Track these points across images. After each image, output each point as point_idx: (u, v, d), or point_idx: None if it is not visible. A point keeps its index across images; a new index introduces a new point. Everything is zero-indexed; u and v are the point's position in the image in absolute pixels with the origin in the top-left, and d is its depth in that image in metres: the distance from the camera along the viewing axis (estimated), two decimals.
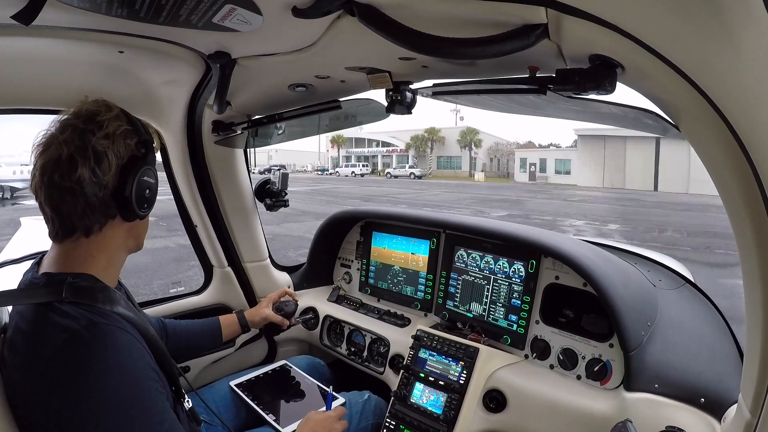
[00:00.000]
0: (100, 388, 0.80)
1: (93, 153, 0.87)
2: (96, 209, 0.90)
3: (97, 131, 0.89)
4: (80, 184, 0.86)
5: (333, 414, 1.33)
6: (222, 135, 1.57)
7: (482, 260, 1.73)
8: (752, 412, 0.80)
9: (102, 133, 0.89)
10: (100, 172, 0.88)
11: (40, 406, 0.81)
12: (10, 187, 18.35)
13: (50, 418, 0.81)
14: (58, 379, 0.80)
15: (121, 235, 0.97)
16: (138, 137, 0.95)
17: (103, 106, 0.94)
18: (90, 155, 0.87)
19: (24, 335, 0.86)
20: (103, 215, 0.91)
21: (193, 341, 1.50)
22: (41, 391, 0.81)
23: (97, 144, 0.88)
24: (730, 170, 0.65)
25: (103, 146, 0.88)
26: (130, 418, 0.82)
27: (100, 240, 0.93)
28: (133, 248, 1.04)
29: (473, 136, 50.35)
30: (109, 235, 0.95)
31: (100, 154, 0.88)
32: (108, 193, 0.90)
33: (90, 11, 0.78)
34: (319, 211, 14.09)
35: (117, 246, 0.98)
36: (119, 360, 0.83)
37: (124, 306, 0.93)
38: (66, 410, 0.79)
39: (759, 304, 0.72)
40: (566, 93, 0.81)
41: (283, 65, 1.12)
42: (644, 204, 21.62)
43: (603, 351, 1.40)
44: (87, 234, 0.91)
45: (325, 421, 1.29)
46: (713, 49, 0.54)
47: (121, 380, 0.82)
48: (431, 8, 0.73)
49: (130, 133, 0.94)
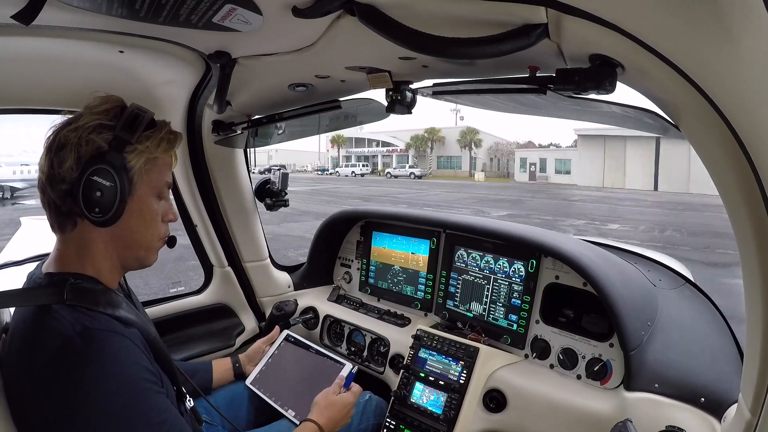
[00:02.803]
0: (96, 398, 0.78)
1: (57, 144, 0.85)
2: (58, 205, 0.86)
3: (72, 123, 0.87)
4: (44, 175, 0.86)
5: (351, 398, 1.32)
6: (222, 135, 1.57)
7: (482, 260, 1.73)
8: (752, 411, 0.80)
9: (73, 126, 0.86)
10: (56, 164, 0.84)
11: (35, 413, 0.80)
12: (10, 187, 18.36)
13: (47, 426, 0.80)
14: (52, 388, 0.78)
15: (100, 241, 0.90)
16: (112, 133, 0.87)
17: (101, 99, 0.91)
18: (54, 146, 0.85)
19: (20, 337, 0.85)
20: (69, 213, 0.87)
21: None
22: (36, 398, 0.80)
23: (63, 136, 0.86)
24: (730, 170, 0.65)
25: (67, 138, 0.85)
26: (129, 425, 0.80)
27: (78, 240, 0.90)
28: (128, 263, 0.96)
29: (473, 135, 50.33)
30: (87, 237, 0.90)
31: (62, 146, 0.85)
32: (65, 189, 0.85)
33: (90, 11, 0.78)
34: (319, 210, 14.09)
35: (102, 253, 0.91)
36: (113, 367, 0.80)
37: (126, 309, 0.91)
38: (62, 421, 0.78)
39: (759, 304, 0.72)
40: (566, 93, 0.81)
41: (283, 65, 1.12)
42: (643, 203, 21.62)
43: (603, 351, 1.40)
44: (62, 230, 0.89)
45: (344, 407, 1.29)
46: (713, 49, 0.54)
47: (116, 388, 0.80)
48: (431, 8, 0.73)
49: (103, 128, 0.87)
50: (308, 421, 1.23)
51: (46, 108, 1.35)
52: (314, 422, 1.22)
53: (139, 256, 0.97)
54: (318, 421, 1.22)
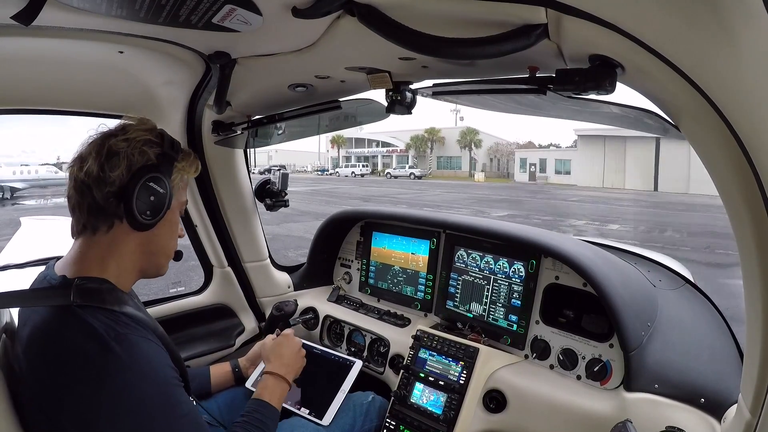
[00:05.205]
0: (136, 397, 0.84)
1: (107, 151, 0.91)
2: (101, 206, 0.91)
3: (120, 135, 0.94)
4: (89, 177, 0.90)
5: (291, 337, 1.46)
6: (222, 135, 1.57)
7: (482, 260, 1.73)
8: (752, 412, 0.80)
9: (123, 137, 0.94)
10: (108, 168, 0.90)
11: (60, 412, 0.82)
12: (10, 188, 18.38)
13: (74, 426, 0.82)
14: (89, 392, 0.82)
15: (131, 244, 0.96)
16: (161, 150, 0.97)
17: (141, 121, 0.99)
18: (103, 152, 0.91)
19: (45, 338, 0.86)
20: (109, 214, 0.92)
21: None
22: (66, 399, 0.82)
23: (113, 145, 0.92)
24: (730, 170, 0.65)
25: (119, 147, 0.92)
26: (165, 420, 0.87)
27: (109, 242, 0.94)
28: (147, 269, 1.02)
29: (473, 136, 50.34)
30: (119, 240, 0.94)
31: (113, 153, 0.91)
32: (113, 191, 0.90)
33: (90, 11, 0.79)
34: (319, 211, 14.09)
35: (129, 256, 0.97)
36: (149, 370, 0.87)
37: (142, 312, 0.95)
38: (98, 423, 0.82)
39: (759, 304, 0.72)
40: (566, 93, 0.81)
41: (283, 65, 1.12)
42: (643, 204, 21.61)
43: (603, 351, 1.40)
44: (94, 231, 0.93)
45: (290, 346, 1.43)
46: (713, 49, 0.54)
47: (153, 388, 0.87)
48: (431, 8, 0.73)
49: (152, 144, 0.96)
50: (267, 374, 1.32)
51: (46, 108, 1.35)
52: (272, 373, 1.32)
53: (159, 263, 1.05)
54: (275, 371, 1.32)
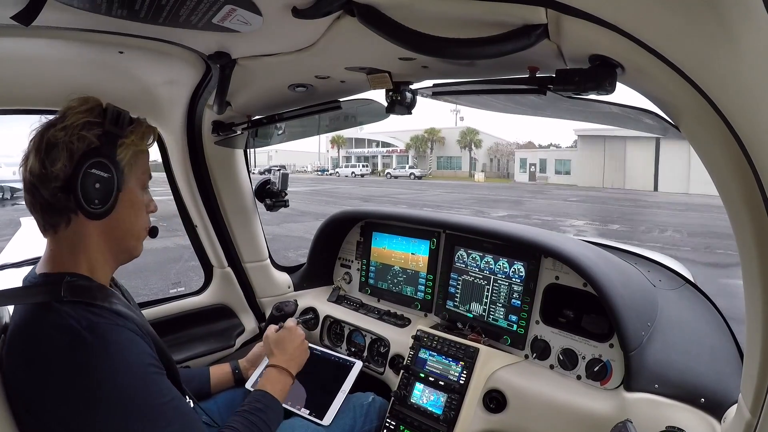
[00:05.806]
0: (111, 387, 0.82)
1: (45, 145, 0.87)
2: (51, 204, 0.87)
3: (58, 123, 0.89)
4: (33, 176, 0.87)
5: (293, 330, 1.43)
6: (222, 135, 1.57)
7: (482, 260, 1.73)
8: (752, 412, 0.80)
9: (61, 125, 0.88)
10: (48, 163, 0.85)
11: (49, 408, 0.82)
12: (10, 188, 18.35)
13: (58, 423, 0.82)
14: (66, 383, 0.81)
15: (94, 235, 0.93)
16: (102, 129, 0.90)
17: (80, 101, 0.93)
18: (42, 147, 0.87)
19: (23, 336, 0.86)
20: (62, 210, 0.88)
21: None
22: (49, 394, 0.81)
23: (51, 136, 0.87)
24: (730, 170, 0.65)
25: (57, 138, 0.87)
26: (143, 408, 0.85)
27: (72, 237, 0.91)
28: (119, 254, 0.99)
29: (473, 136, 50.38)
30: (81, 233, 0.91)
31: (51, 145, 0.86)
32: (59, 186, 0.86)
33: (90, 11, 0.78)
34: (319, 211, 14.08)
35: (95, 247, 0.93)
36: (123, 357, 0.84)
37: (122, 304, 0.93)
38: (80, 413, 0.81)
39: (759, 304, 0.72)
40: (566, 93, 0.81)
41: (283, 65, 1.12)
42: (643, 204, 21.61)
43: (603, 351, 1.40)
44: (55, 230, 0.90)
45: (293, 339, 1.41)
46: (713, 49, 0.54)
47: (128, 376, 0.84)
48: (431, 8, 0.73)
49: (92, 125, 0.89)
50: (270, 367, 1.32)
51: (46, 108, 1.35)
52: (275, 366, 1.31)
53: (129, 247, 1.01)
54: (279, 364, 1.32)
